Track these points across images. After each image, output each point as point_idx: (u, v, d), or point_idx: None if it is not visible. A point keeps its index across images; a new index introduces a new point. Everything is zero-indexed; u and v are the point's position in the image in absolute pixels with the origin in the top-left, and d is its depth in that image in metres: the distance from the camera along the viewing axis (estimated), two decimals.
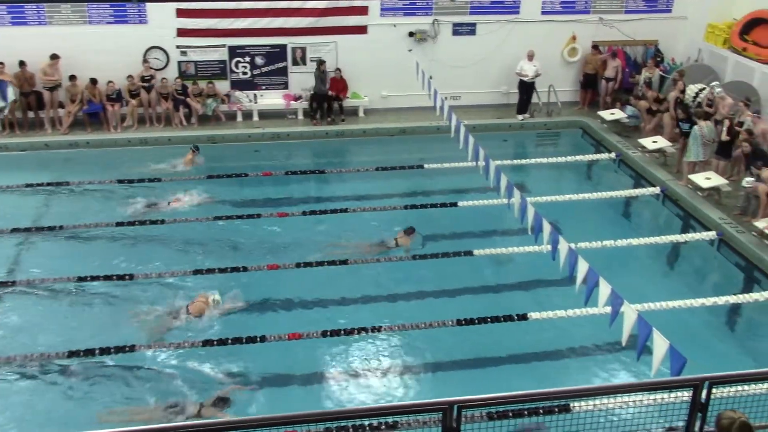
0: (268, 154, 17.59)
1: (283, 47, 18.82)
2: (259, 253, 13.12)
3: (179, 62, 18.54)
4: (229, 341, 10.55)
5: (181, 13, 18.14)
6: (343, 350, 10.71)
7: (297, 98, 18.98)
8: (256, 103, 18.95)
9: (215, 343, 10.52)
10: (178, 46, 18.42)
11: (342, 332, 10.82)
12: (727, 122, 15.09)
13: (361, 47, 18.74)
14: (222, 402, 9.35)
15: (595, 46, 19.50)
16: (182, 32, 18.30)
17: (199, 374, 10.11)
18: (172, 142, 17.66)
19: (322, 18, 18.62)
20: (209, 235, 13.72)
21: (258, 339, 10.60)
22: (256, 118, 18.90)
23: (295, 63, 19.00)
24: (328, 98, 18.56)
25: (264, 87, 19.08)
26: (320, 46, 18.87)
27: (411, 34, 19.03)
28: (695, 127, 15.06)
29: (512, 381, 9.89)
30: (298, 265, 12.49)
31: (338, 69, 18.63)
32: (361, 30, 18.92)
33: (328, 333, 10.74)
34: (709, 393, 4.92)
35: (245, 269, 12.39)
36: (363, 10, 18.77)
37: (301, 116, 19.04)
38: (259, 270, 12.39)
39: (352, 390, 10.00)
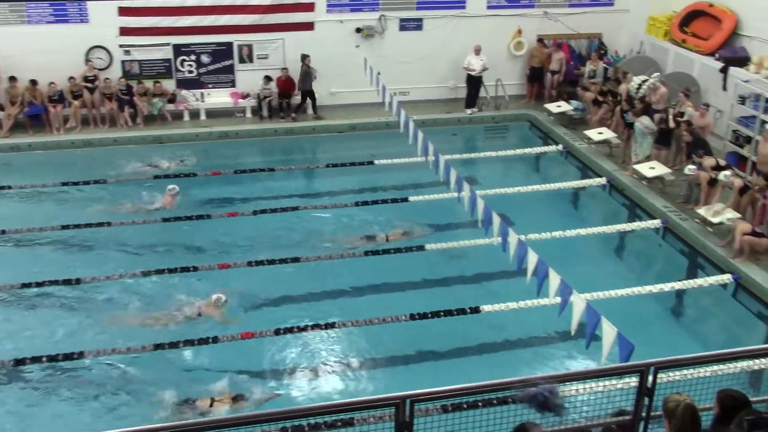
0: (216, 152, 17.38)
1: (229, 45, 18.63)
2: (211, 253, 12.98)
3: (123, 62, 18.21)
4: (181, 344, 10.41)
5: (123, 11, 17.81)
6: (297, 348, 10.66)
7: (245, 96, 18.80)
8: (203, 101, 18.72)
9: (166, 346, 10.37)
10: (121, 45, 18.08)
11: (295, 329, 10.77)
12: (671, 110, 15.45)
13: (309, 44, 18.62)
14: (239, 397, 9.40)
15: (540, 40, 19.74)
16: (125, 31, 17.97)
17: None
18: (117, 143, 17.36)
19: (268, 15, 18.47)
20: (159, 236, 13.51)
21: (210, 340, 10.48)
22: (203, 117, 18.67)
23: (242, 61, 18.83)
24: (305, 94, 18.50)
25: (211, 85, 18.85)
26: (267, 43, 18.73)
27: (358, 30, 19.01)
28: (636, 124, 15.37)
29: (467, 373, 9.96)
30: (249, 264, 12.39)
31: (285, 68, 18.50)
32: (308, 27, 18.83)
33: (281, 331, 10.68)
34: (654, 378, 5.02)
35: (195, 269, 12.24)
36: (309, 7, 18.68)
37: (249, 114, 18.87)
38: (210, 270, 12.25)
39: (306, 388, 9.97)
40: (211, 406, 9.31)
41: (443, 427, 5.48)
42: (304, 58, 18.14)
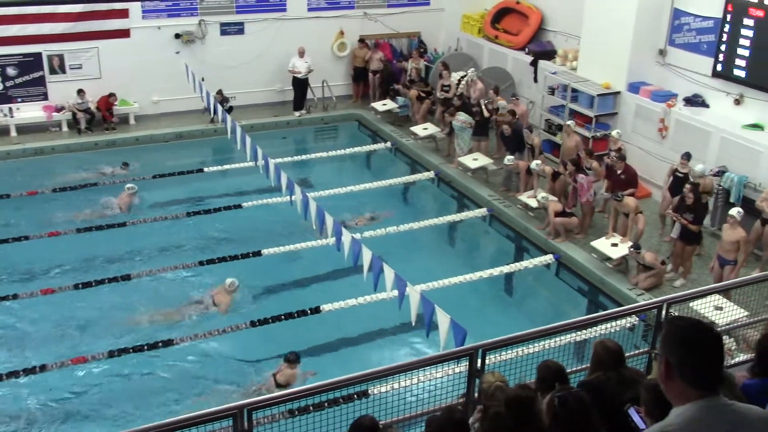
0: (31, 170, 16.25)
1: (38, 55, 17.48)
2: (32, 278, 12.17)
3: None
4: (4, 376, 9.70)
5: None
6: (134, 368, 10.23)
7: (59, 109, 17.74)
8: (12, 117, 17.44)
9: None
10: None
11: (131, 350, 10.33)
12: (483, 101, 16.22)
13: (125, 52, 17.85)
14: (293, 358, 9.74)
15: (362, 40, 20.09)
16: None
17: None
18: None
19: (79, 23, 17.50)
20: None
21: (37, 369, 9.83)
22: (14, 133, 17.41)
23: (53, 72, 17.73)
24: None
25: (20, 99, 17.61)
26: (80, 52, 17.76)
27: (177, 36, 18.45)
28: (454, 121, 16.03)
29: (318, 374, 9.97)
30: (76, 287, 11.74)
31: (113, 94, 17.67)
32: (124, 34, 18.03)
33: (116, 353, 10.20)
34: (483, 360, 5.26)
35: (15, 297, 11.42)
36: (123, 13, 17.87)
37: (65, 128, 17.84)
38: (31, 297, 11.47)
39: (143, 407, 9.57)
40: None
41: (290, 431, 5.49)
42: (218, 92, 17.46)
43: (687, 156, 12.85)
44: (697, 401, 2.83)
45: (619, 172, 12.95)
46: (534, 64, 17.64)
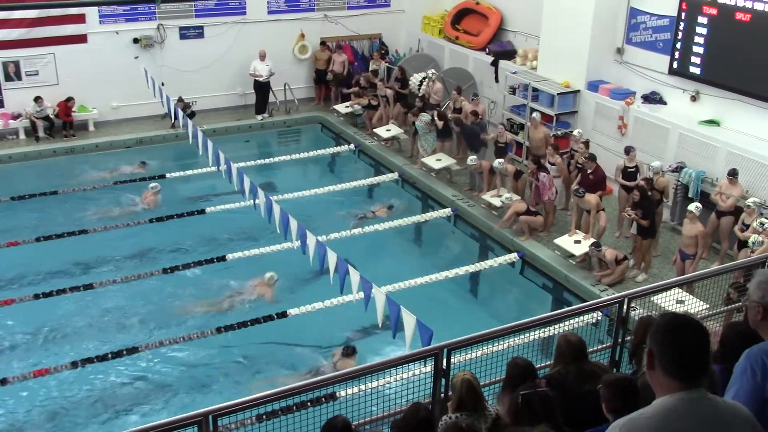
0: None
1: None
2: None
3: None
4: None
5: None
6: (100, 377, 10.09)
7: (16, 117, 17.42)
8: None
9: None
10: None
11: (95, 359, 10.19)
12: (449, 104, 16.31)
13: (83, 57, 17.62)
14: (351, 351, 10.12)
15: (323, 42, 20.06)
16: None
17: None
18: None
19: (35, 28, 17.21)
20: None
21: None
22: None
23: (8, 79, 17.40)
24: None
25: None
26: (36, 59, 17.47)
27: (136, 41, 18.25)
28: (417, 122, 16.07)
29: (278, 377, 9.93)
30: (36, 297, 11.53)
31: (71, 98, 17.37)
32: (81, 39, 17.77)
33: (79, 363, 10.04)
34: (449, 359, 5.29)
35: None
36: (80, 18, 17.62)
37: (23, 136, 17.53)
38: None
39: (107, 416, 9.46)
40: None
41: None
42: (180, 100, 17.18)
43: (629, 150, 13.20)
44: (676, 393, 2.84)
45: (589, 171, 13.10)
46: (495, 64, 17.77)
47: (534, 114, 15.18)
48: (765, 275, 3.56)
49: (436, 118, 15.91)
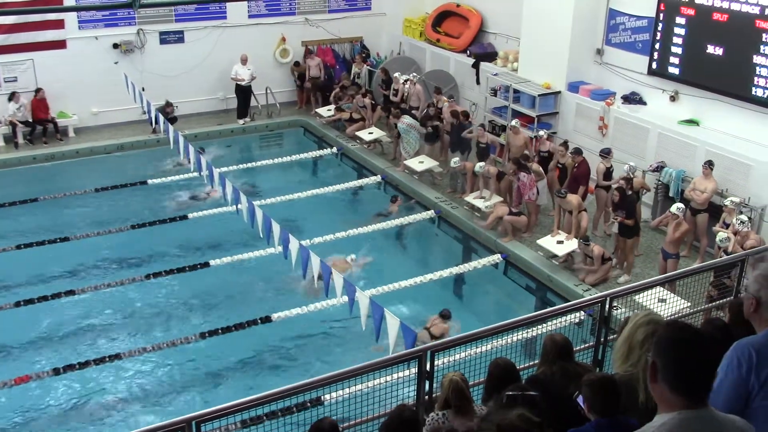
0: None
1: None
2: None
3: None
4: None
5: None
6: (83, 384, 10.02)
7: None
8: None
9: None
10: None
11: (77, 366, 10.10)
12: (431, 103, 16.35)
13: (62, 63, 17.48)
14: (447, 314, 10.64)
15: (306, 47, 20.03)
16: None
17: None
18: None
19: (12, 34, 17.07)
20: None
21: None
22: None
23: None
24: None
25: None
26: (14, 65, 17.32)
27: (116, 46, 18.14)
28: (399, 124, 16.09)
29: (270, 384, 9.86)
30: (17, 305, 11.42)
31: (40, 89, 17.25)
32: (60, 45, 17.65)
33: (61, 370, 9.96)
34: (432, 361, 5.29)
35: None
36: (59, 24, 17.49)
37: (2, 143, 17.37)
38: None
39: (90, 423, 9.40)
40: None
41: None
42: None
43: (608, 152, 13.35)
44: (681, 411, 2.72)
45: (575, 165, 13.20)
46: (476, 66, 17.83)
47: (513, 121, 15.16)
48: (764, 269, 3.45)
49: (419, 126, 16.04)
